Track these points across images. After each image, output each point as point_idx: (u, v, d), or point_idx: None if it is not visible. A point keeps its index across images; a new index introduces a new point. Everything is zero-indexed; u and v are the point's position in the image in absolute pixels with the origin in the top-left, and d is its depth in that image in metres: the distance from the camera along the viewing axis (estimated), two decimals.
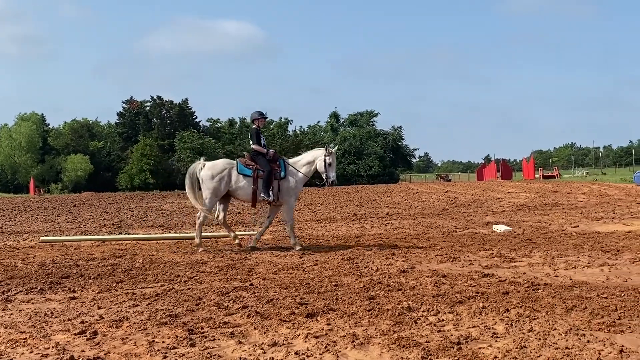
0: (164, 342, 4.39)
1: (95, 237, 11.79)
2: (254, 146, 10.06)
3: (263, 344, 4.33)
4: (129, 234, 12.84)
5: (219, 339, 4.47)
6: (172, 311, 5.33)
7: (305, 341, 4.39)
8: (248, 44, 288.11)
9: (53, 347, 4.30)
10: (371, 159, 70.25)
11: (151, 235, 12.21)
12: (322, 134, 78.71)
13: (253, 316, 5.09)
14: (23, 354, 4.21)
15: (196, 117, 77.32)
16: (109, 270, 7.74)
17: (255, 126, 10.31)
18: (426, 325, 4.76)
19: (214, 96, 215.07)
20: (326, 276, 7.06)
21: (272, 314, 5.15)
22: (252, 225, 14.43)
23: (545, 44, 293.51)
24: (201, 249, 9.67)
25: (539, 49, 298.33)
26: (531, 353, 4.03)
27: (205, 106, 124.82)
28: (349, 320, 4.93)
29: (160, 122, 73.84)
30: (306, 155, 10.35)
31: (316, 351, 4.16)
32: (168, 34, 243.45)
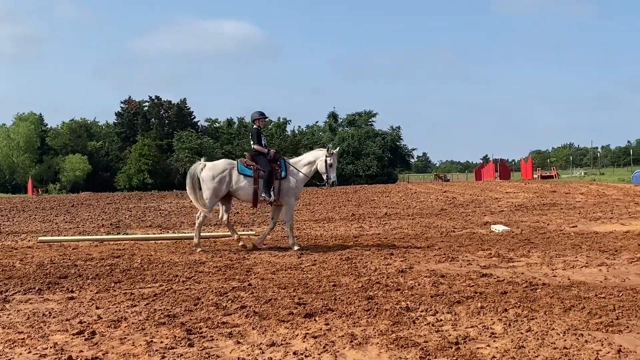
0: (162, 342, 4.39)
1: (94, 237, 11.78)
2: (255, 146, 10.05)
3: (261, 344, 4.33)
4: (127, 234, 12.83)
5: (217, 339, 4.47)
6: (171, 311, 5.32)
7: (304, 341, 4.39)
8: (247, 44, 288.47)
9: (51, 347, 4.30)
10: (369, 159, 70.30)
11: (149, 236, 12.20)
12: (321, 134, 78.78)
13: (251, 316, 5.09)
14: (21, 354, 4.20)
15: (194, 117, 77.34)
16: (107, 270, 7.74)
17: (256, 126, 10.30)
18: (424, 325, 4.76)
19: (213, 96, 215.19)
20: (324, 276, 7.06)
21: (271, 314, 5.15)
22: (251, 225, 14.44)
23: (544, 44, 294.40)
24: (199, 249, 9.67)
25: (537, 49, 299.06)
26: (529, 353, 4.03)
27: (204, 106, 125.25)
28: (348, 320, 4.93)
29: (159, 122, 73.77)
30: (307, 155, 10.34)
31: (314, 351, 4.16)
32: (166, 34, 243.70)
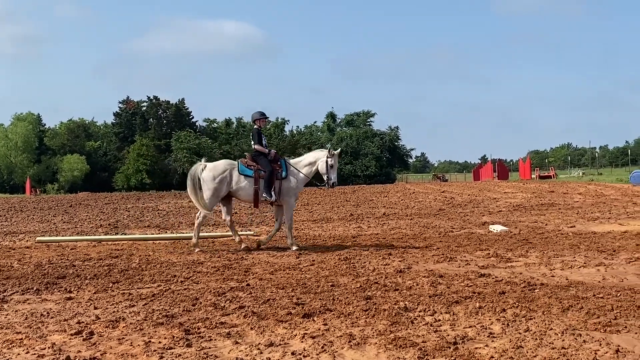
0: (160, 343, 4.38)
1: (92, 238, 11.77)
2: (256, 146, 10.05)
3: (260, 344, 4.33)
4: (126, 234, 12.82)
5: (215, 339, 4.47)
6: (169, 311, 5.32)
7: (302, 341, 4.39)
8: (246, 44, 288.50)
9: (49, 348, 4.29)
10: (368, 159, 70.28)
11: (148, 236, 12.20)
12: (319, 134, 78.74)
13: (250, 316, 5.09)
14: (19, 354, 4.20)
15: (193, 117, 77.24)
16: (106, 270, 7.73)
17: (256, 126, 10.30)
18: (423, 325, 4.76)
19: (211, 96, 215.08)
20: (323, 276, 7.06)
21: (269, 314, 5.15)
22: (249, 225, 14.43)
23: (542, 44, 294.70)
24: (198, 249, 9.66)
25: (536, 49, 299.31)
26: (527, 353, 4.03)
27: (202, 106, 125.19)
28: (346, 321, 4.93)
29: (157, 122, 73.70)
30: (308, 155, 10.33)
31: (313, 351, 4.16)
32: (165, 34, 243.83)
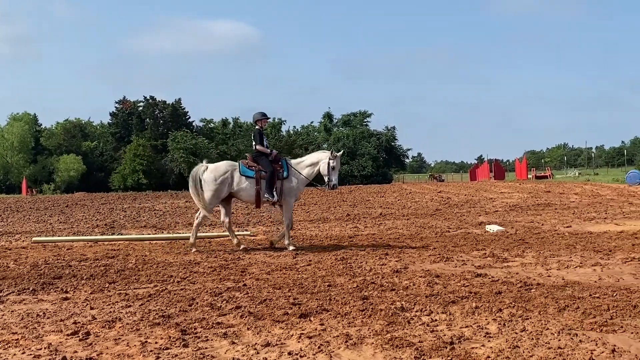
0: (156, 343, 4.38)
1: (88, 238, 11.74)
2: (258, 147, 10.06)
3: (256, 344, 4.33)
4: (122, 234, 12.79)
5: (212, 340, 4.47)
6: (165, 312, 5.31)
7: (299, 341, 4.39)
8: (242, 44, 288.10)
9: (45, 348, 4.28)
10: (364, 160, 70.29)
11: (144, 236, 12.17)
12: (316, 134, 78.71)
13: (246, 317, 5.09)
14: (15, 355, 4.19)
15: (189, 117, 77.10)
16: (102, 270, 7.71)
17: (258, 127, 10.30)
18: (419, 325, 4.77)
19: (207, 96, 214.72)
20: (319, 276, 7.06)
21: (266, 315, 5.15)
22: (246, 225, 14.42)
23: (538, 44, 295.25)
24: (194, 249, 9.66)
25: (532, 49, 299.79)
26: (524, 353, 4.04)
27: (199, 106, 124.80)
28: (343, 321, 4.93)
29: (153, 122, 73.57)
30: (310, 156, 10.31)
31: (309, 351, 4.16)
32: (161, 34, 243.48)
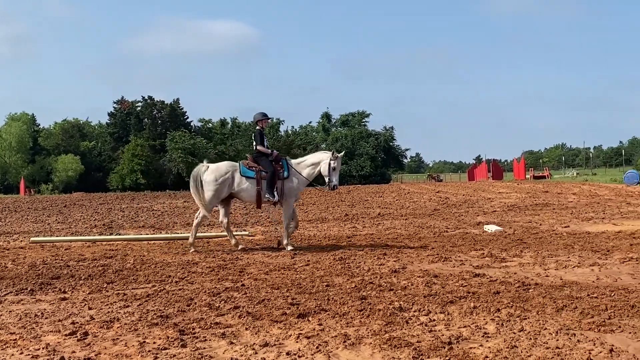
0: (155, 343, 4.38)
1: (86, 238, 11.73)
2: (259, 147, 10.04)
3: (254, 344, 4.33)
4: (120, 234, 12.78)
5: (210, 340, 4.47)
6: (163, 312, 5.31)
7: (297, 341, 4.39)
8: (241, 44, 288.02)
9: (43, 348, 4.28)
10: (363, 160, 70.33)
11: (142, 236, 12.16)
12: (314, 134, 78.72)
13: (244, 317, 5.08)
14: (13, 355, 4.18)
15: (187, 118, 77.03)
16: (100, 271, 7.71)
17: (258, 127, 10.29)
18: (417, 325, 4.77)
19: (206, 96, 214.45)
20: (318, 276, 7.06)
21: (264, 315, 5.15)
22: (244, 225, 14.42)
23: (536, 45, 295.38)
24: (193, 249, 9.65)
25: (530, 49, 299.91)
26: (522, 353, 4.04)
27: (197, 106, 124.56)
28: (341, 321, 4.93)
29: (152, 123, 73.47)
30: (311, 157, 10.29)
31: (308, 351, 4.16)
32: (159, 34, 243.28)
